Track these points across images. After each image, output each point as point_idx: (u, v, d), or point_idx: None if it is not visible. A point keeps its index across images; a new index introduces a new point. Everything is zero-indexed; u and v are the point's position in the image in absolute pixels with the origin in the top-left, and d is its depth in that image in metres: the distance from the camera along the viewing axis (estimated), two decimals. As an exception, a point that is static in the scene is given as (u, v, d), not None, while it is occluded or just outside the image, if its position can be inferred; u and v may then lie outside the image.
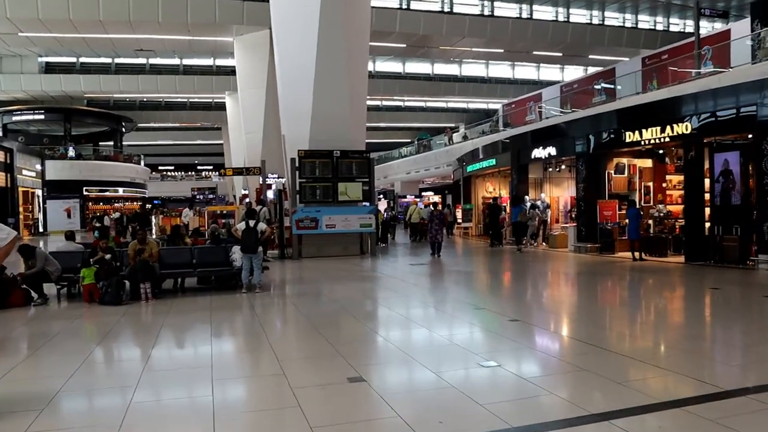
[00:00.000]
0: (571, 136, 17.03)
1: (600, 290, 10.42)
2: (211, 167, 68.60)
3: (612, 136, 15.32)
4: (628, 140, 14.63)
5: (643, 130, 14.07)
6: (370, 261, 15.26)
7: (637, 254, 14.04)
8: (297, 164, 15.74)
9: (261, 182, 19.14)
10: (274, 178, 24.34)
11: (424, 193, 52.69)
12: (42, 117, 42.10)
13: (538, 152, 18.50)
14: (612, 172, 16.27)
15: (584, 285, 11.11)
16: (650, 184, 16.71)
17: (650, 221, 15.34)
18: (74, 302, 8.99)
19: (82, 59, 42.27)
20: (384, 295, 9.42)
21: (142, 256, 8.88)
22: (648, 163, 16.61)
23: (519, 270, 13.83)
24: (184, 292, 10.09)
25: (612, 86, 26.97)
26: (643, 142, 14.24)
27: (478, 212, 24.89)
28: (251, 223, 9.52)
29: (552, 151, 17.85)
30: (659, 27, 41.55)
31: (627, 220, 15.65)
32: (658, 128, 13.58)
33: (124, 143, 53.25)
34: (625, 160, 16.38)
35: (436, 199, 56.50)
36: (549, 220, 19.67)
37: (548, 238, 18.88)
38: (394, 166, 46.08)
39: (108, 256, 8.95)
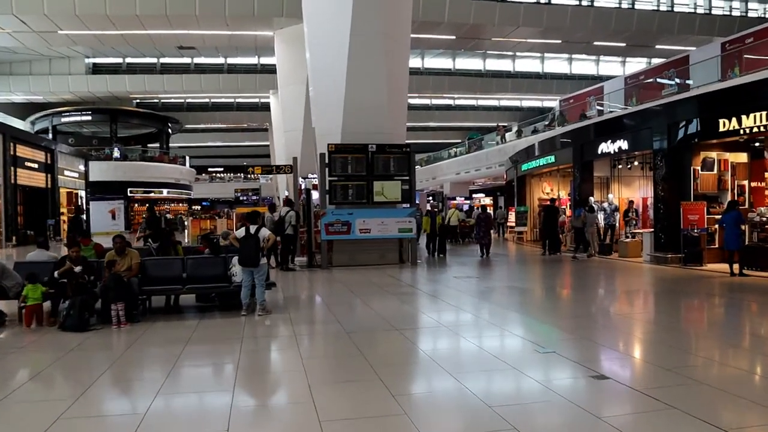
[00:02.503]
0: (647, 126, 14.49)
1: (712, 328, 7.70)
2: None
3: (701, 125, 12.74)
4: (723, 129, 12.03)
5: (743, 117, 11.47)
6: (410, 272, 13.21)
7: (736, 267, 11.40)
8: (326, 160, 13.89)
9: (294, 182, 17.48)
10: (313, 178, 22.66)
11: (474, 195, 50.25)
12: (89, 118, 42.23)
13: (606, 147, 16.00)
14: (698, 168, 13.65)
15: (682, 314, 8.53)
16: (745, 182, 14.01)
17: (747, 227, 12.65)
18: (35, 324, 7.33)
19: (128, 59, 42.15)
20: (424, 326, 7.34)
21: (114, 269, 7.19)
22: (742, 157, 13.93)
23: (585, 287, 11.50)
24: (179, 311, 8.35)
25: (673, 82, 23.76)
26: (742, 131, 11.63)
27: (533, 215, 22.45)
28: (252, 229, 7.67)
29: (623, 144, 15.33)
30: (735, 12, 37.78)
31: (717, 226, 13.11)
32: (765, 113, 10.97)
33: (172, 145, 53.33)
34: (714, 154, 13.73)
35: (487, 201, 54.07)
36: (618, 224, 17.09)
37: (618, 245, 16.33)
38: (443, 167, 43.79)
39: (78, 269, 7.29)
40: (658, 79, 26.44)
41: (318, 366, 5.51)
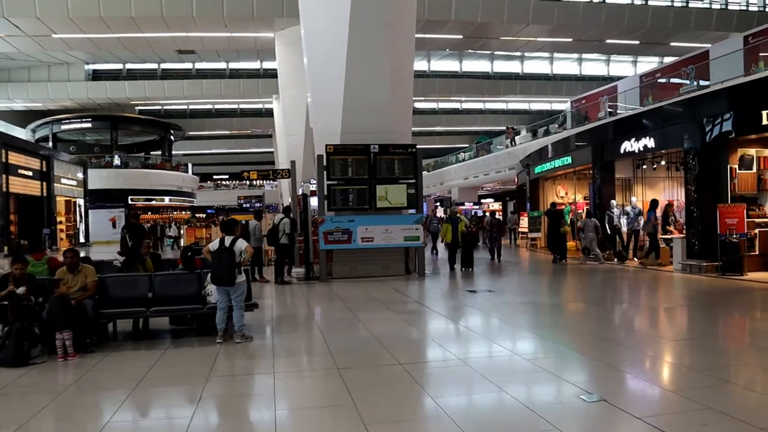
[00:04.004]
0: (677, 122, 13.21)
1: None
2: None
3: (741, 118, 11.45)
4: (766, 122, 10.73)
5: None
6: (417, 285, 11.97)
7: (786, 278, 10.08)
8: (325, 162, 12.70)
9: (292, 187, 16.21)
10: (313, 183, 21.46)
11: (483, 200, 48.95)
12: (90, 125, 41.42)
13: (629, 145, 14.72)
14: (736, 167, 12.35)
15: (747, 340, 7.19)
16: (787, 182, 12.70)
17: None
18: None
19: (128, 65, 41.34)
20: (434, 361, 5.94)
21: (59, 290, 6.02)
22: (784, 154, 12.62)
23: (620, 304, 10.23)
24: (149, 337, 7.16)
25: (691, 81, 22.28)
26: (791, 123, 10.35)
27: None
28: (227, 240, 6.47)
29: (648, 142, 14.05)
30: (753, 8, 36.38)
31: (757, 231, 11.83)
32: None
33: (177, 152, 52.47)
34: (753, 151, 12.43)
35: (496, 206, 52.74)
36: (642, 230, 15.75)
37: (644, 252, 15.02)
38: (451, 172, 42.57)
39: (21, 290, 6.13)
40: (673, 79, 25.11)
41: (295, 425, 4.29)
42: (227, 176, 70.60)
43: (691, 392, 4.53)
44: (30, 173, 26.39)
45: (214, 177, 67.33)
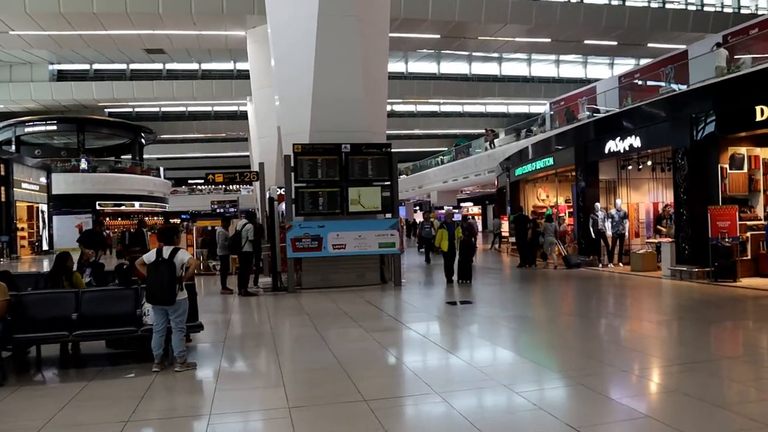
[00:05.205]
0: (665, 118, 12.57)
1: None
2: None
3: (733, 114, 10.83)
4: (761, 118, 10.11)
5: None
6: (392, 296, 11.08)
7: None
8: (292, 163, 11.76)
9: (261, 191, 15.20)
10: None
11: (462, 204, 48.34)
12: (54, 128, 39.65)
13: (614, 145, 14.06)
14: (726, 166, 11.73)
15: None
16: (779, 182, 12.13)
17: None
18: None
19: (96, 66, 39.91)
20: (409, 396, 4.92)
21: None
22: (774, 153, 12.04)
23: (612, 314, 9.50)
24: (78, 364, 6.16)
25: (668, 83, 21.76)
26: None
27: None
28: (166, 252, 5.51)
29: (634, 142, 13.38)
30: (727, 10, 36.44)
31: (749, 234, 11.24)
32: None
33: (150, 156, 50.94)
34: (744, 150, 11.83)
35: (476, 210, 52.18)
36: (627, 233, 15.12)
37: (630, 257, 14.38)
38: (430, 175, 41.85)
39: None
40: (650, 82, 24.68)
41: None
42: (202, 181, 69.08)
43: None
44: (-15, 177, 24.96)
45: (189, 182, 65.76)
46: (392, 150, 12.41)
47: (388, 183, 12.34)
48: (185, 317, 5.66)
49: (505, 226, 22.24)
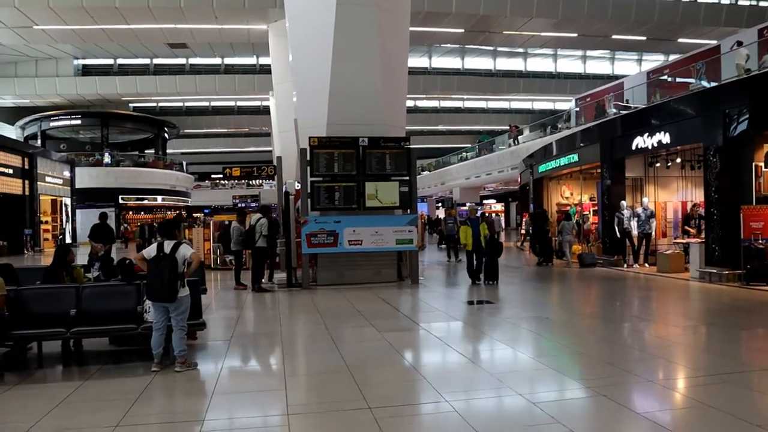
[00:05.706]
0: (696, 114, 12.01)
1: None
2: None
3: (770, 109, 10.26)
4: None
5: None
6: (409, 294, 10.77)
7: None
8: (308, 157, 11.51)
9: (278, 186, 15.01)
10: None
11: (485, 201, 47.75)
12: (79, 122, 40.20)
13: (642, 141, 13.51)
14: (761, 164, 11.14)
15: None
16: (817, 181, 11.47)
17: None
18: None
19: (120, 61, 40.25)
20: (426, 414, 4.37)
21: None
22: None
23: (644, 318, 9.03)
24: (80, 361, 5.98)
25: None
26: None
27: (553, 221, 19.93)
28: (167, 246, 5.29)
29: (663, 138, 12.83)
30: (763, 3, 35.17)
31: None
32: None
33: (174, 151, 51.32)
34: (779, 147, 11.21)
35: (498, 207, 51.53)
36: (654, 233, 14.55)
37: (656, 257, 13.83)
38: (452, 171, 41.29)
39: None
40: (679, 79, 23.89)
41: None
42: (221, 176, 69.40)
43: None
44: (10, 171, 25.22)
45: (212, 176, 66.20)
46: (415, 146, 12.06)
47: (407, 178, 12.01)
48: (186, 315, 5.42)
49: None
